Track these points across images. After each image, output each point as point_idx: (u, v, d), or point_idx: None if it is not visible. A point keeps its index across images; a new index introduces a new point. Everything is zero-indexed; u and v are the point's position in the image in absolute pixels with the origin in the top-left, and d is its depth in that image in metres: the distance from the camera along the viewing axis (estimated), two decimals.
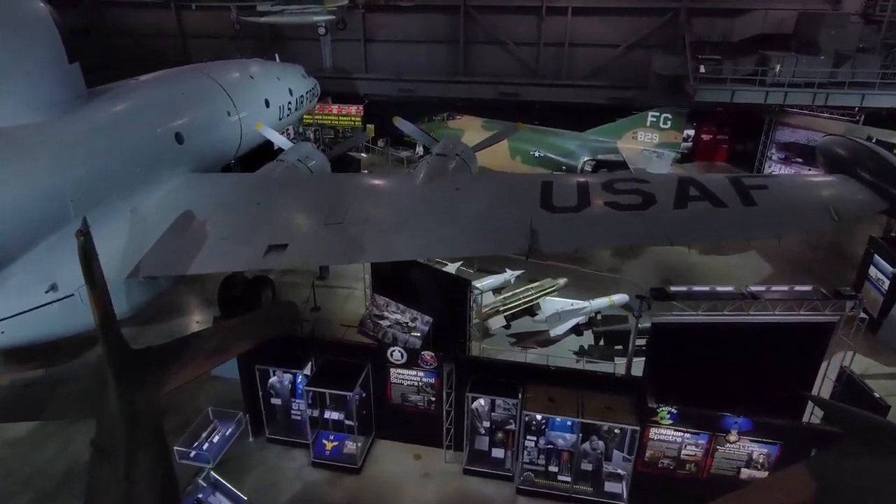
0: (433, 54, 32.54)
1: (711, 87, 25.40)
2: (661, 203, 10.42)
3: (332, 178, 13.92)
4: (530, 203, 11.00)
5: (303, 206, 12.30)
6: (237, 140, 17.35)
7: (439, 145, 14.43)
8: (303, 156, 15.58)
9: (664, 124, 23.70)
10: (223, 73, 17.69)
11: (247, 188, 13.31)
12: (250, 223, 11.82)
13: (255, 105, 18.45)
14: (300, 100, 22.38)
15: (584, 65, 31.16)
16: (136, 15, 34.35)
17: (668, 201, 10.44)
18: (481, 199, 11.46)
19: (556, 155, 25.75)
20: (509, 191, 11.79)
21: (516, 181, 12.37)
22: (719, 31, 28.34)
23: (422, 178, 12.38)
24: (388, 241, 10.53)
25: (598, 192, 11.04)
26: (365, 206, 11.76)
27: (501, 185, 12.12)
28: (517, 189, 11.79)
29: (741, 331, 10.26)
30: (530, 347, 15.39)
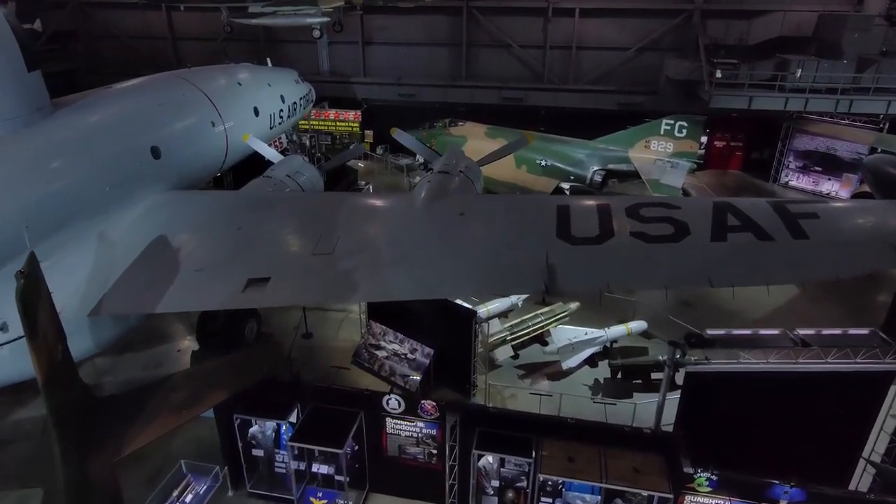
0: (434, 57, 31.22)
1: (728, 93, 24.10)
2: (696, 234, 9.08)
3: (322, 199, 12.59)
4: (545, 231, 9.66)
5: (289, 231, 10.98)
6: (222, 153, 16.03)
7: (441, 160, 13.10)
8: (292, 171, 14.28)
9: (679, 133, 22.35)
10: (207, 80, 16.37)
11: (228, 209, 11.99)
12: (229, 252, 10.50)
13: (242, 114, 17.13)
14: (293, 107, 21.06)
15: (591, 69, 29.83)
16: (124, 17, 33.05)
17: (704, 232, 9.10)
18: (489, 225, 10.14)
19: (564, 164, 24.43)
20: (520, 216, 10.45)
21: (528, 204, 11.02)
22: (735, 33, 26.99)
23: (422, 200, 11.05)
24: (384, 278, 9.20)
25: (623, 219, 9.70)
26: (358, 233, 10.44)
27: (511, 209, 10.78)
28: (529, 213, 10.46)
29: (788, 381, 8.93)
30: (540, 382, 14.06)
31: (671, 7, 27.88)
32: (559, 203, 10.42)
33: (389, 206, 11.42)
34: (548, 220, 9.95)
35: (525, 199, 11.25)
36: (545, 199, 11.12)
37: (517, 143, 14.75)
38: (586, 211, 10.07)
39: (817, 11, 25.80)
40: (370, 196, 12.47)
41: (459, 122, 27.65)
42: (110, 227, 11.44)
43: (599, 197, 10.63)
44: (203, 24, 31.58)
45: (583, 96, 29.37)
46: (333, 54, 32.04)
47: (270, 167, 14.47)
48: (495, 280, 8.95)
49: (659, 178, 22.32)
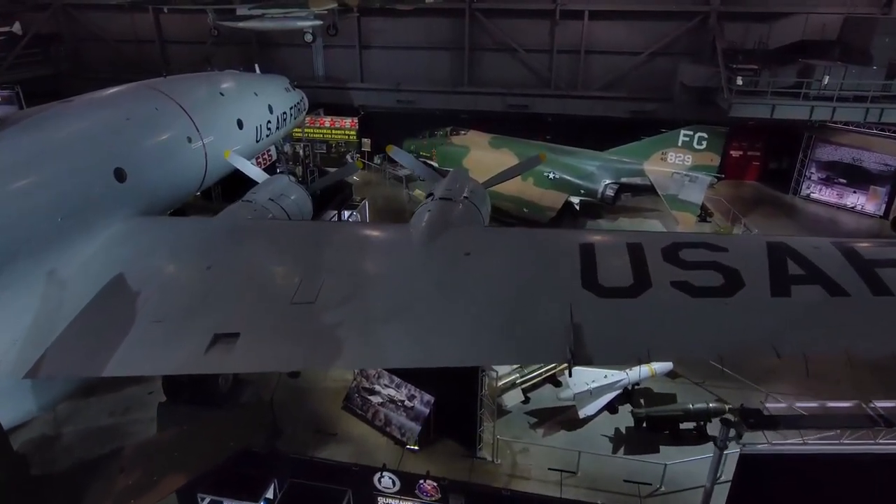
0: (435, 62, 29.66)
1: (749, 101, 22.54)
2: (752, 286, 7.50)
3: (306, 230, 11.02)
4: (567, 278, 8.10)
5: (266, 272, 9.41)
6: (200, 171, 14.46)
7: (443, 184, 11.54)
8: (276, 193, 12.77)
9: (699, 145, 20.80)
10: (184, 91, 14.79)
11: (198, 242, 10.43)
12: (195, 297, 8.94)
13: (224, 127, 15.57)
14: (283, 117, 19.50)
15: (601, 74, 28.26)
16: (110, 19, 31.51)
17: (761, 283, 7.52)
18: (500, 269, 8.56)
19: (574, 177, 22.90)
20: (536, 256, 8.88)
21: (544, 241, 9.42)
22: (754, 37, 25.43)
23: (421, 235, 9.48)
24: (375, 340, 7.65)
25: (660, 263, 8.12)
26: (346, 276, 8.88)
27: (525, 247, 9.19)
28: (547, 254, 8.89)
29: (865, 465, 7.38)
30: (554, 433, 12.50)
31: (686, 9, 26.31)
32: (582, 241, 8.84)
33: (383, 241, 9.85)
34: (570, 262, 8.38)
35: (541, 234, 9.65)
36: (565, 235, 9.51)
37: (529, 163, 13.17)
38: (615, 251, 8.49)
39: (842, 14, 24.26)
40: (362, 228, 10.92)
41: (461, 131, 26.17)
42: (61, 264, 9.86)
43: (628, 233, 9.03)
44: (191, 26, 30.04)
45: (592, 103, 27.82)
46: (329, 59, 30.50)
47: (252, 189, 12.96)
48: (509, 346, 7.37)
49: (677, 194, 20.79)
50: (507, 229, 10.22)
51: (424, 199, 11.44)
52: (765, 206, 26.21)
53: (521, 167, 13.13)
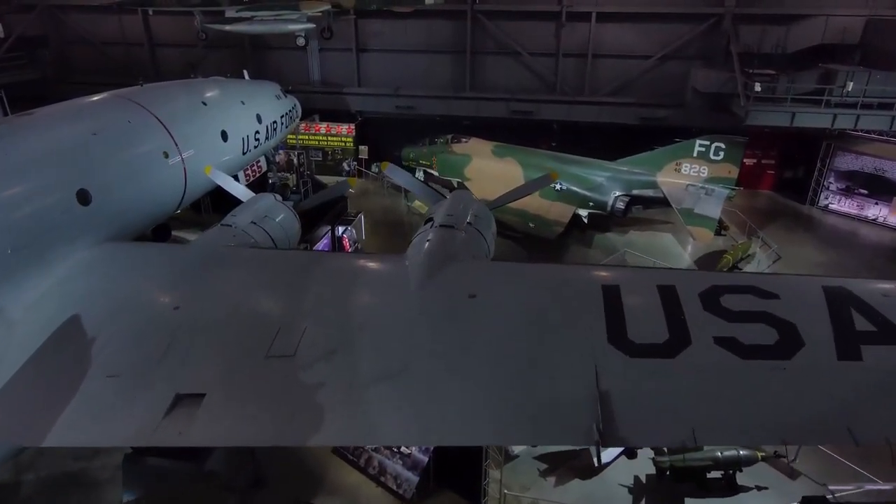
0: (436, 66, 28.44)
1: (767, 108, 21.31)
2: (813, 345, 6.26)
3: (289, 263, 9.76)
4: (590, 330, 6.87)
5: (240, 316, 8.18)
6: (179, 189, 13.24)
7: (443, 208, 10.30)
8: (259, 215, 11.55)
9: (716, 155, 19.58)
10: (162, 101, 13.58)
11: (167, 276, 9.21)
12: (158, 346, 7.70)
13: (206, 140, 14.34)
14: (273, 126, 18.28)
15: (609, 79, 27.05)
16: (97, 21, 30.32)
17: (824, 341, 6.28)
18: (509, 318, 7.33)
19: (582, 189, 21.70)
20: (551, 300, 7.63)
21: (559, 279, 8.17)
22: (770, 40, 24.21)
23: (419, 272, 8.24)
24: (362, 410, 6.42)
25: (698, 311, 6.88)
26: (331, 323, 7.66)
27: (537, 289, 7.95)
28: (564, 296, 7.65)
29: None
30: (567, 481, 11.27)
31: (698, 11, 25.09)
32: (605, 280, 7.60)
33: (375, 279, 8.62)
34: (592, 309, 7.14)
35: (556, 271, 8.39)
36: (584, 273, 8.26)
37: (539, 182, 11.94)
38: (645, 295, 7.24)
39: (865, 16, 23.03)
40: (350, 260, 9.65)
41: (463, 139, 24.96)
42: (9, 304, 8.66)
43: (657, 272, 7.80)
44: (182, 29, 28.80)
45: (599, 109, 26.58)
46: (325, 62, 29.29)
47: (233, 211, 11.74)
48: (523, 422, 6.11)
49: (692, 207, 19.56)
50: (517, 265, 8.92)
51: (423, 225, 10.23)
52: (781, 217, 24.98)
53: (530, 186, 11.90)
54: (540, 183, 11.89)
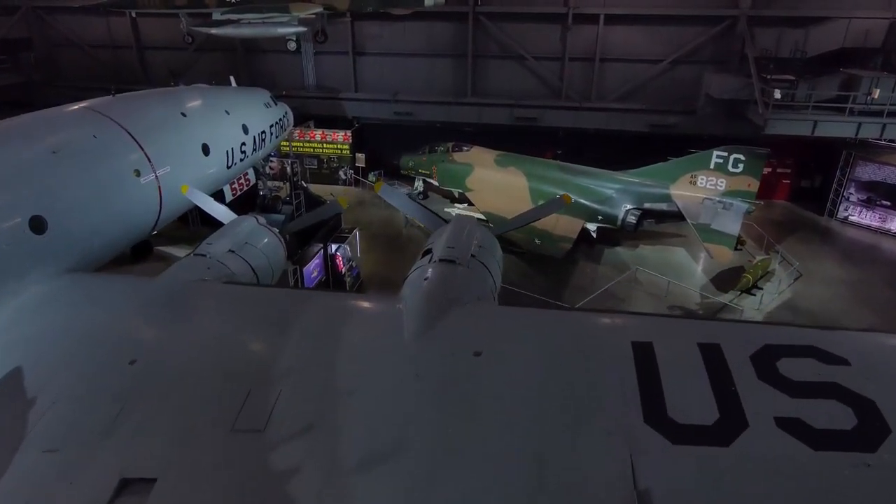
0: (436, 70, 27.25)
1: (787, 117, 20.12)
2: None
3: (265, 304, 8.56)
4: (621, 404, 5.65)
5: (204, 376, 6.96)
6: (153, 210, 12.06)
7: (443, 238, 9.07)
8: (238, 242, 10.31)
9: (734, 167, 18.37)
10: (135, 113, 12.40)
11: (126, 321, 8.01)
12: (107, 414, 6.49)
13: (185, 155, 13.16)
14: (261, 137, 17.09)
15: (617, 84, 25.85)
16: (84, 23, 29.13)
17: None
18: (521, 385, 6.12)
19: (591, 201, 20.51)
20: (572, 362, 6.41)
21: (580, 332, 6.95)
22: (788, 44, 23.02)
23: (415, 322, 7.03)
24: (346, 501, 5.22)
25: (752, 381, 5.66)
26: (309, 387, 6.45)
27: (553, 344, 6.73)
28: (587, 357, 6.42)
29: None
30: None
31: (712, 13, 23.89)
32: (636, 335, 6.37)
33: (365, 330, 7.40)
34: (622, 374, 5.93)
35: (575, 321, 7.19)
36: (608, 324, 7.06)
37: (552, 205, 10.70)
38: (684, 357, 6.03)
39: (889, 19, 21.83)
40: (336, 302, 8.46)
41: (464, 147, 23.75)
42: None
43: (694, 323, 6.62)
44: (171, 32, 27.57)
45: (607, 116, 25.38)
46: (320, 66, 28.08)
47: (208, 238, 10.53)
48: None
49: (709, 223, 18.37)
50: (528, 312, 7.70)
51: (420, 258, 9.03)
52: (799, 230, 23.78)
53: (540, 211, 10.67)
54: (551, 207, 10.66)
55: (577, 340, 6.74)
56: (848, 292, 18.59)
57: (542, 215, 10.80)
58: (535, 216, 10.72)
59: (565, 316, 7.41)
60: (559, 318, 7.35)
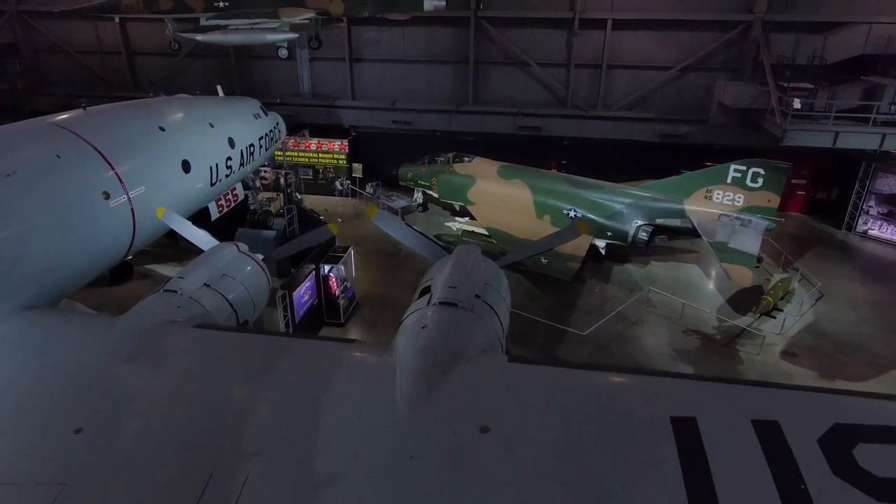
0: (436, 78, 26.24)
1: (807, 128, 19.07)
2: None
3: (238, 355, 7.48)
4: (661, 498, 4.58)
5: (159, 450, 5.88)
6: (125, 235, 11.01)
7: (444, 275, 7.98)
8: (215, 275, 9.21)
9: (753, 182, 17.28)
10: (106, 128, 11.37)
11: (77, 375, 6.92)
12: (40, 498, 5.44)
13: (162, 173, 12.12)
14: (250, 150, 16.06)
15: (625, 92, 24.85)
16: (72, 28, 28.12)
17: None
18: (536, 477, 5.02)
19: (599, 217, 19.40)
20: (598, 443, 5.30)
21: (607, 400, 5.88)
22: (805, 50, 21.96)
23: (410, 386, 5.94)
24: None
25: (824, 474, 4.59)
26: (284, 471, 5.37)
27: (578, 422, 5.61)
28: (617, 436, 5.33)
29: None
30: None
31: (725, 18, 22.86)
32: (675, 408, 5.31)
33: (351, 394, 6.31)
34: (661, 462, 4.85)
35: (600, 386, 6.09)
36: (641, 390, 5.96)
37: (564, 234, 9.58)
38: (737, 439, 4.96)
39: None
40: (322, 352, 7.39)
41: (466, 158, 22.66)
42: None
43: (746, 390, 5.54)
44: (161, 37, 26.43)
45: (615, 125, 24.33)
46: (316, 73, 27.08)
47: (182, 270, 9.44)
48: None
49: (726, 241, 17.25)
50: (543, 371, 6.57)
51: (417, 297, 7.97)
52: (816, 245, 22.68)
53: (552, 240, 9.58)
54: (564, 236, 9.54)
55: (605, 412, 5.64)
56: (874, 314, 17.49)
57: (554, 245, 9.72)
58: (546, 245, 9.65)
59: (589, 378, 6.28)
60: (582, 380, 6.23)
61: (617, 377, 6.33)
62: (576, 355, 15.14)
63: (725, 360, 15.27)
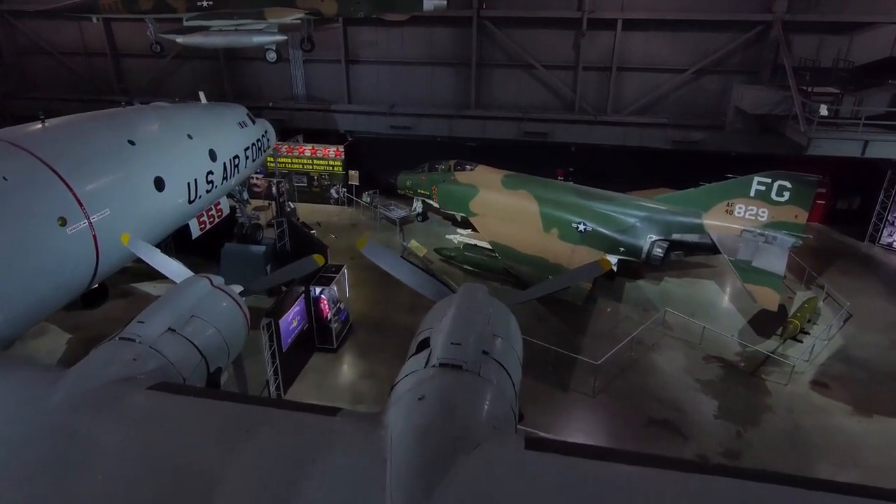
0: (436, 80, 24.99)
1: (833, 136, 17.81)
2: None
3: (200, 428, 6.24)
4: None
5: None
6: (87, 264, 9.82)
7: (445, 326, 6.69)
8: (181, 318, 7.90)
9: (779, 196, 16.04)
10: (65, 143, 10.17)
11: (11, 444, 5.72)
12: None
13: (131, 193, 10.90)
14: (234, 162, 14.83)
15: (636, 96, 23.58)
16: (56, 29, 26.88)
17: None
18: None
19: (611, 231, 18.17)
20: None
21: None
22: (829, 52, 20.73)
23: (401, 488, 4.69)
24: None
25: None
26: None
27: None
28: None
29: None
30: None
31: (742, 18, 21.58)
32: None
33: (332, 482, 5.06)
34: None
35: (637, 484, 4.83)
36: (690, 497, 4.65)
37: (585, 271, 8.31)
38: None
39: None
40: (298, 426, 6.16)
41: (468, 166, 21.44)
42: None
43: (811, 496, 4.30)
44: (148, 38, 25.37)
45: (625, 131, 23.06)
46: (310, 76, 25.82)
47: (142, 312, 8.19)
48: None
49: (750, 260, 16.00)
50: (564, 463, 5.30)
51: (414, 352, 6.73)
52: (838, 258, 21.43)
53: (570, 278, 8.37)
54: (584, 273, 8.29)
55: None
56: None
57: (574, 282, 8.55)
58: (565, 283, 8.42)
59: (621, 474, 5.03)
60: (612, 477, 5.00)
61: (655, 474, 5.05)
62: (588, 385, 13.93)
63: (751, 391, 14.04)
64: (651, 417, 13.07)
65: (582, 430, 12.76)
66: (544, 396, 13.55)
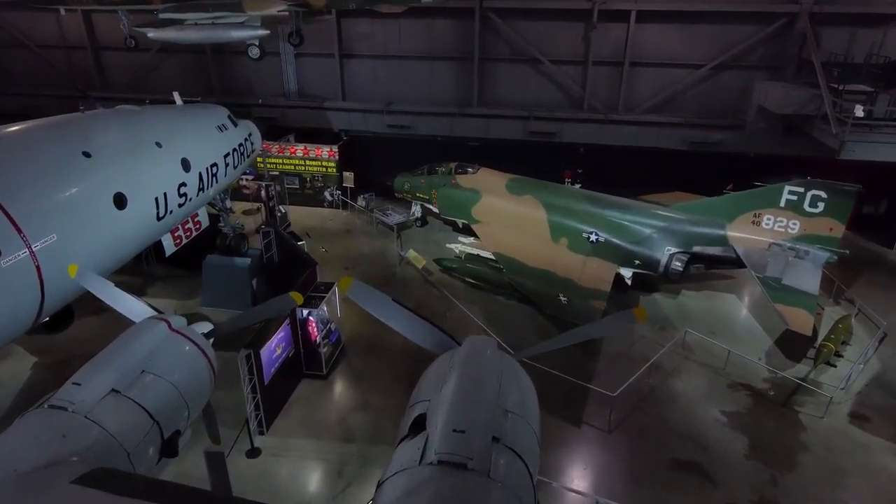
0: (436, 76, 23.49)
1: (868, 138, 16.37)
2: None
3: None
4: None
5: None
6: (30, 300, 8.44)
7: (445, 402, 5.29)
8: (129, 375, 6.52)
9: (812, 206, 14.65)
10: (3, 158, 8.75)
11: None
12: None
13: (84, 213, 9.47)
14: (212, 171, 13.39)
15: (650, 93, 22.09)
16: (32, 21, 25.36)
17: None
18: None
19: (625, 242, 16.79)
20: None
21: None
22: (860, 47, 19.19)
23: None
24: None
25: None
26: None
27: None
28: None
29: None
30: None
31: (765, 10, 20.04)
32: None
33: None
34: None
35: None
36: None
37: (615, 321, 6.93)
38: None
39: None
40: None
41: (470, 168, 20.03)
42: None
43: None
44: None
45: (638, 130, 21.60)
46: (302, 71, 24.31)
47: (80, 370, 6.78)
48: None
49: (780, 277, 14.61)
50: None
51: (405, 436, 5.38)
52: (865, 267, 20.05)
53: (597, 328, 6.96)
54: (616, 323, 6.88)
55: None
56: None
57: (600, 334, 7.15)
58: (591, 335, 7.04)
59: None
60: None
61: None
62: (603, 418, 12.58)
63: (784, 425, 12.69)
64: (675, 458, 11.73)
65: (598, 473, 11.42)
66: (554, 432, 12.19)
